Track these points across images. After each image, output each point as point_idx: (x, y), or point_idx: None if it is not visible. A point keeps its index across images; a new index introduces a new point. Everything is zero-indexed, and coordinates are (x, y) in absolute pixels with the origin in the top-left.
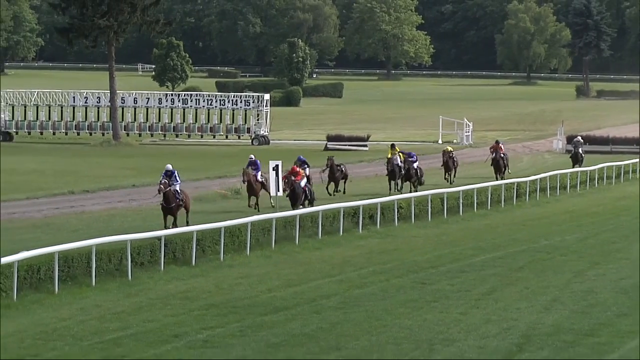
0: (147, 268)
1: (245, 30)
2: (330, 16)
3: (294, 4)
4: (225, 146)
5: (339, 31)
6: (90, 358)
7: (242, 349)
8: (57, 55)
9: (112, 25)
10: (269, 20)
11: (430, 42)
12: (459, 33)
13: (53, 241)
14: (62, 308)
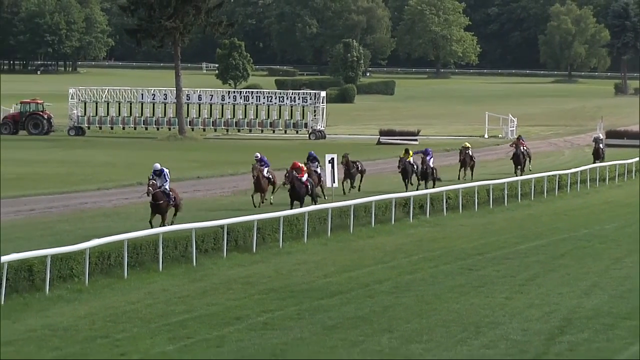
0: (210, 255)
1: (303, 31)
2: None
3: (349, 6)
4: (284, 140)
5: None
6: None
7: (300, 331)
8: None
9: (178, 27)
10: (325, 22)
11: (477, 43)
12: (504, 34)
13: (122, 229)
14: (131, 292)
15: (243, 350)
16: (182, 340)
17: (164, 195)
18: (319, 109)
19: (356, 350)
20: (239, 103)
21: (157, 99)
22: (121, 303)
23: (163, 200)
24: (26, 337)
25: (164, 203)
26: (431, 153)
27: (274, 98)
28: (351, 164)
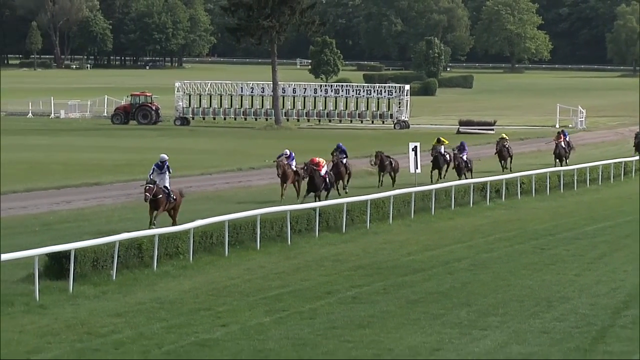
0: (304, 235)
1: (389, 29)
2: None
3: (431, 6)
4: (371, 130)
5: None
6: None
7: (386, 304)
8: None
9: (275, 26)
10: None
11: (549, 40)
12: (574, 32)
13: (224, 211)
14: (231, 268)
15: (334, 322)
16: (277, 313)
17: (161, 190)
18: (403, 101)
19: (437, 322)
20: (330, 95)
21: (255, 92)
22: (222, 278)
23: (162, 194)
24: (136, 310)
25: (162, 198)
26: (466, 148)
27: (362, 91)
28: (384, 158)
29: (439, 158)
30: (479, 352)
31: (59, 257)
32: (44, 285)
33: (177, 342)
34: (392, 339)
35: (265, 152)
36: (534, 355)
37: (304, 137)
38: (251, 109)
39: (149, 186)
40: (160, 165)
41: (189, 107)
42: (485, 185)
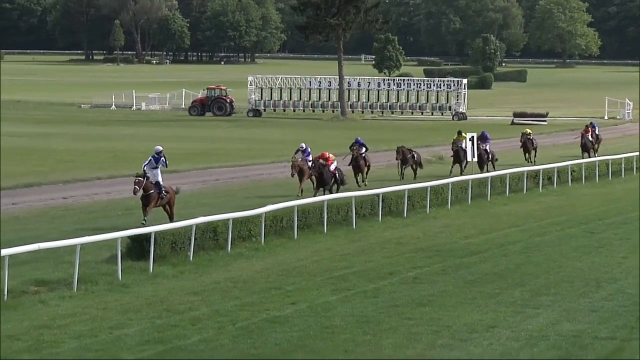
0: (368, 219)
1: (448, 27)
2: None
3: (487, 5)
4: (430, 121)
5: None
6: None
7: (444, 284)
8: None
9: (341, 24)
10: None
11: (598, 37)
12: (622, 29)
13: (293, 196)
14: (300, 250)
15: (396, 300)
16: (343, 292)
17: (153, 186)
18: (461, 94)
19: (492, 301)
20: (392, 89)
21: (323, 85)
22: (291, 260)
23: (153, 190)
24: (211, 288)
25: (154, 194)
26: (489, 138)
27: (422, 84)
28: (407, 152)
29: (460, 152)
30: (532, 329)
31: (140, 239)
32: (126, 266)
33: (250, 319)
34: (451, 317)
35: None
36: (583, 332)
37: (368, 127)
38: (319, 101)
39: (138, 179)
40: (157, 158)
41: (260, 99)
42: (538, 173)
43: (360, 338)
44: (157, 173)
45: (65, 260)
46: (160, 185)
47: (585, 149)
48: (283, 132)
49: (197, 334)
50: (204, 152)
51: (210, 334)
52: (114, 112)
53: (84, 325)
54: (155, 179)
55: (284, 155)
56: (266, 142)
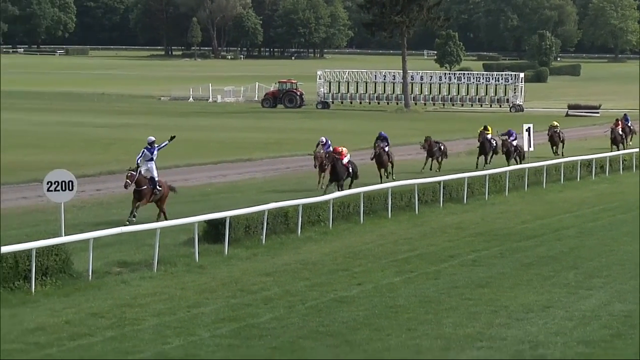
0: (429, 205)
1: (506, 24)
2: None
3: (543, 4)
4: (489, 113)
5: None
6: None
7: (502, 266)
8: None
9: (405, 21)
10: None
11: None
12: None
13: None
14: (366, 234)
15: (456, 282)
16: (406, 274)
17: (147, 180)
18: (518, 87)
19: (547, 283)
20: (453, 82)
21: (387, 79)
22: (358, 243)
23: (146, 185)
24: (282, 270)
25: (147, 189)
26: (514, 134)
27: (482, 78)
28: (433, 144)
29: (486, 144)
30: (584, 309)
31: (215, 223)
32: (203, 248)
33: (319, 299)
34: (508, 297)
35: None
36: (633, 312)
37: (430, 119)
38: (383, 94)
39: (130, 173)
40: (150, 149)
41: (329, 92)
42: (591, 162)
43: (422, 317)
44: (153, 167)
45: (146, 243)
46: (155, 180)
47: (615, 142)
48: (350, 123)
49: (269, 313)
50: (275, 142)
51: (281, 313)
52: (191, 104)
53: (163, 304)
54: (150, 174)
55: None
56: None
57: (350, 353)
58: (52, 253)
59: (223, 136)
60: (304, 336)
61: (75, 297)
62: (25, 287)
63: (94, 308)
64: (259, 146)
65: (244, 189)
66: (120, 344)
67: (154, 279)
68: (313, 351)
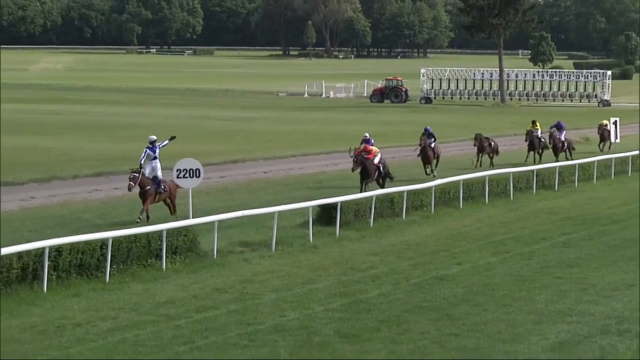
0: (523, 191)
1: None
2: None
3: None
4: (578, 107)
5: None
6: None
7: (590, 248)
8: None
9: (501, 23)
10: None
11: None
12: None
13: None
14: (465, 218)
15: (548, 262)
16: (502, 254)
17: (150, 181)
18: (605, 84)
19: (632, 263)
20: (545, 80)
21: (485, 76)
22: (457, 226)
23: (150, 186)
24: (388, 250)
25: (151, 189)
26: (564, 127)
27: (572, 76)
28: (484, 140)
29: (534, 141)
30: None
31: (328, 207)
32: (316, 230)
33: (422, 276)
34: (596, 276)
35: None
36: None
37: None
38: (481, 90)
39: (133, 175)
40: (152, 148)
41: (431, 89)
42: None
43: (516, 294)
44: (157, 166)
45: (265, 225)
46: (158, 179)
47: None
48: (450, 117)
49: (377, 289)
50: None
51: (387, 289)
52: (306, 99)
53: (280, 280)
54: (154, 173)
55: (451, 136)
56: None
57: (450, 326)
58: (181, 234)
59: (335, 128)
60: (408, 310)
61: (202, 273)
62: (157, 264)
63: (218, 283)
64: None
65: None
66: (241, 316)
67: (272, 257)
68: (416, 324)
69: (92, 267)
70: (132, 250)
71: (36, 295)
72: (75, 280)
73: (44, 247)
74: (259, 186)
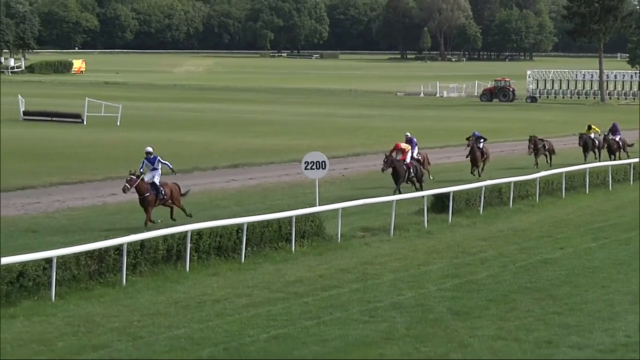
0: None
1: None
2: None
3: None
4: None
5: None
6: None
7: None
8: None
9: (602, 29)
10: None
11: None
12: None
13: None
14: (567, 207)
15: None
16: (601, 240)
17: (149, 187)
18: None
19: None
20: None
21: (586, 77)
22: (560, 214)
23: (149, 192)
24: (496, 235)
25: (150, 196)
26: (619, 130)
27: None
28: (538, 141)
29: (588, 142)
30: None
31: (441, 197)
32: (431, 217)
33: (527, 260)
34: None
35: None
36: None
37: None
38: (583, 90)
39: (130, 177)
40: (150, 159)
41: (536, 88)
42: None
43: (614, 276)
44: (156, 175)
45: (384, 212)
46: (157, 185)
47: None
48: (554, 115)
49: (486, 271)
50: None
51: (495, 271)
52: (422, 98)
53: (398, 262)
54: (151, 180)
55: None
56: (541, 122)
57: (553, 305)
58: (309, 220)
59: (447, 125)
60: (514, 291)
61: (327, 255)
62: (287, 247)
63: (342, 265)
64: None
65: (465, 168)
66: (363, 295)
67: (390, 241)
68: (522, 303)
69: (229, 249)
70: (265, 234)
71: (179, 274)
72: (214, 260)
73: (186, 231)
74: (379, 177)
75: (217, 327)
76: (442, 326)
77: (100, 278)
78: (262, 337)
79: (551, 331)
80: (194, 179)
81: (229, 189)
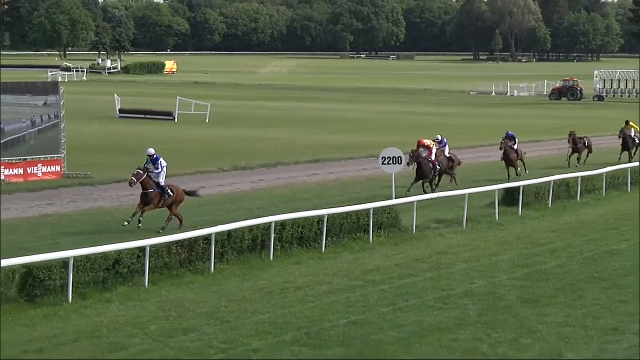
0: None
1: None
2: None
3: None
4: None
5: None
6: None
7: None
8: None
9: None
10: None
11: None
12: None
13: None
14: (632, 201)
15: None
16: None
17: (153, 183)
18: None
19: None
20: None
21: None
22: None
23: (152, 189)
24: (564, 227)
25: (153, 193)
26: None
27: None
28: (577, 139)
29: (628, 140)
30: None
31: (512, 190)
32: (501, 210)
33: (593, 251)
34: None
35: None
36: None
37: None
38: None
39: (137, 171)
40: (152, 161)
41: (603, 88)
42: None
43: None
44: (160, 176)
45: (457, 205)
46: (162, 185)
47: None
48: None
49: (554, 261)
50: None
51: (563, 261)
52: (493, 97)
53: (470, 253)
54: (156, 179)
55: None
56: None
57: (618, 294)
58: (385, 212)
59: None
60: (581, 280)
61: (403, 246)
62: (365, 237)
63: (416, 254)
64: (547, 130)
65: (533, 165)
66: (436, 283)
67: (463, 233)
68: (589, 292)
69: (311, 239)
70: (344, 225)
71: (264, 262)
72: (296, 250)
73: (270, 221)
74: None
75: (299, 313)
76: (512, 313)
77: (190, 266)
78: (341, 323)
79: (616, 319)
80: (278, 172)
81: (310, 182)
